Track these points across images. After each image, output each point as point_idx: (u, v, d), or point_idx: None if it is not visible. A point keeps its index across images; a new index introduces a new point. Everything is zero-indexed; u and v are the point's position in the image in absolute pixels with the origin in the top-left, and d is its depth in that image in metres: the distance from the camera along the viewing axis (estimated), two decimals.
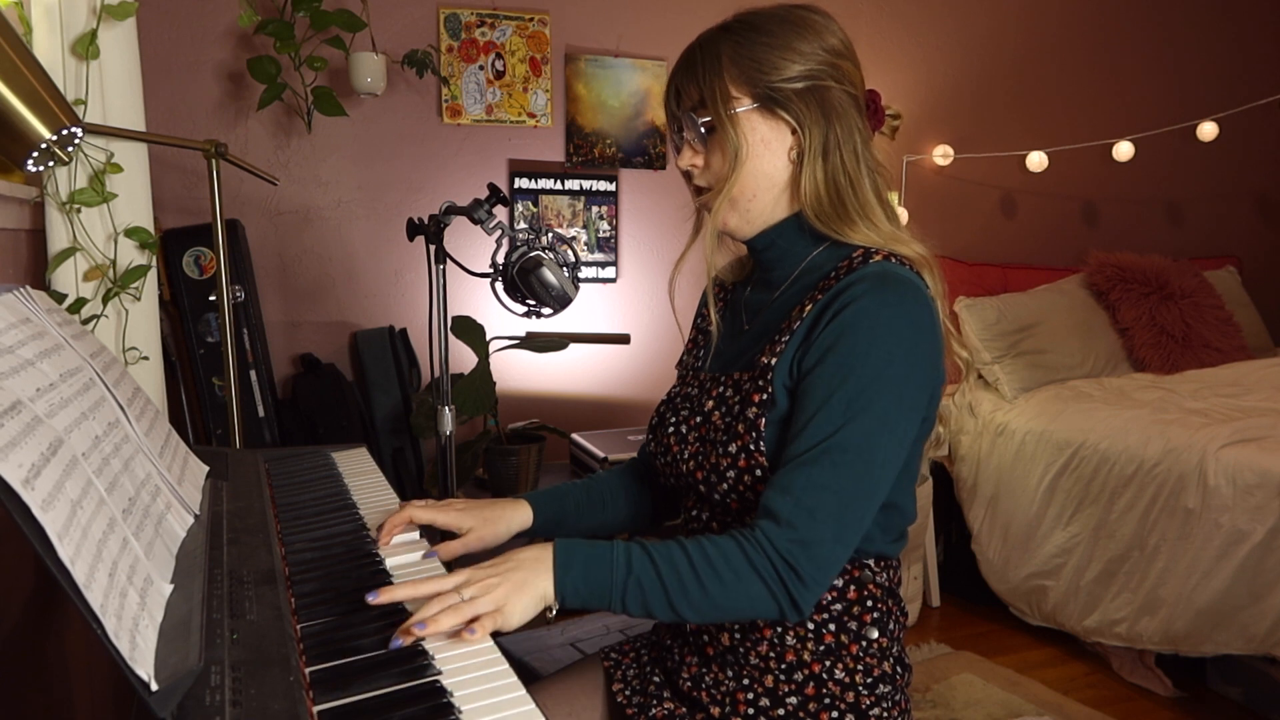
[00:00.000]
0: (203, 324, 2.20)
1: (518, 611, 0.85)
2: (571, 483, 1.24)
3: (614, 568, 0.89)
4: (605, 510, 1.23)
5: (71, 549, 0.59)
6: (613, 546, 0.91)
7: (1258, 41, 3.82)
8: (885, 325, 0.91)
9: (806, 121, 0.99)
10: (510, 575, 0.86)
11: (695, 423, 1.04)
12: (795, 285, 1.04)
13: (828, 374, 0.91)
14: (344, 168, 2.56)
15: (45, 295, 0.97)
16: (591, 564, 0.89)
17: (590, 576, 0.89)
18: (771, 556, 0.88)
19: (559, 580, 0.88)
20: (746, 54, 0.98)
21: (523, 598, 0.85)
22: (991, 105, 3.39)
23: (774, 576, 0.88)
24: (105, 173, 1.67)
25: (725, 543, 0.90)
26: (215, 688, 0.63)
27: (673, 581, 0.89)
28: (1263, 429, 2.17)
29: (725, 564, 0.89)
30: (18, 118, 1.34)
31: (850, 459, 0.89)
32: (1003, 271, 3.24)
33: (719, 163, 1.01)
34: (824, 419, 0.90)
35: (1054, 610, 2.45)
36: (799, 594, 0.88)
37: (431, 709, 0.68)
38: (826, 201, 1.00)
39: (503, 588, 0.85)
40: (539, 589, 0.87)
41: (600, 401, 2.89)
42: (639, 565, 0.89)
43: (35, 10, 1.59)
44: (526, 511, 1.15)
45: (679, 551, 0.90)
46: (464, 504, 1.11)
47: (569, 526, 1.20)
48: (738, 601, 0.89)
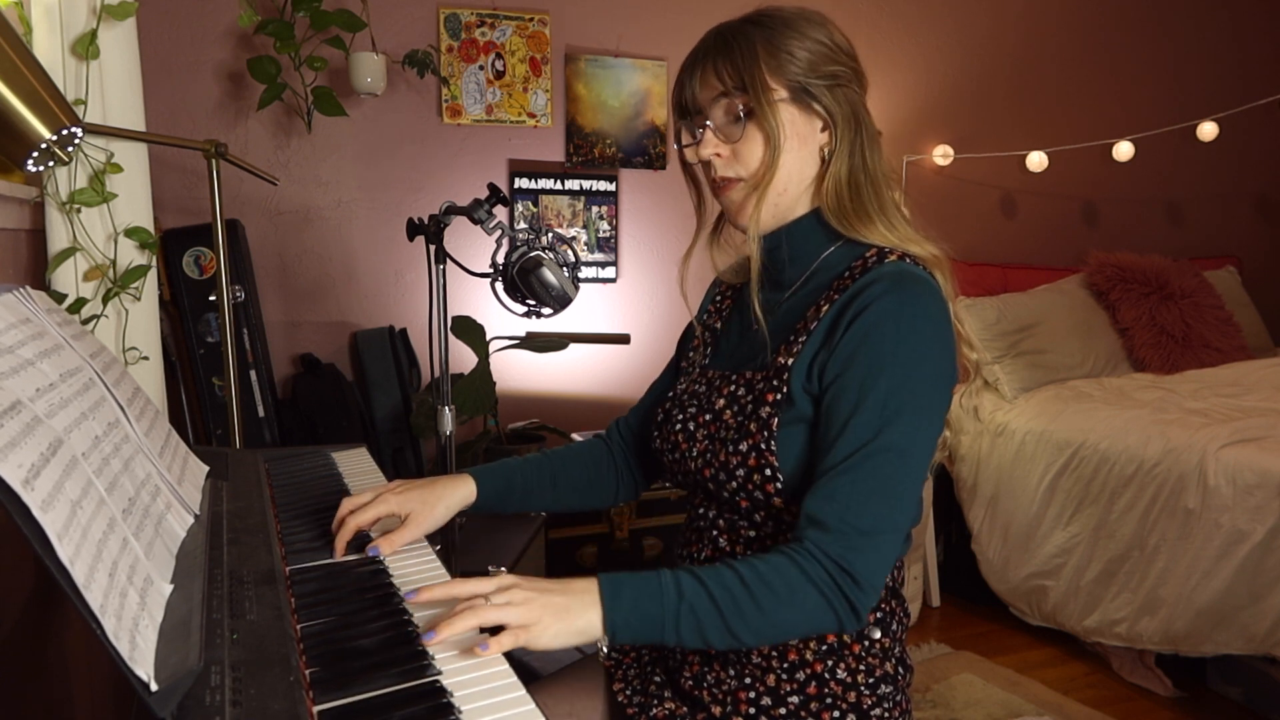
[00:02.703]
0: (203, 324, 2.20)
1: (548, 635, 0.80)
2: (522, 457, 1.20)
3: (664, 595, 0.85)
4: (556, 486, 1.20)
5: (71, 549, 0.59)
6: (659, 574, 0.87)
7: (1258, 41, 3.81)
8: (909, 325, 0.91)
9: (838, 118, 0.99)
10: (551, 597, 0.82)
11: (704, 420, 1.04)
12: (808, 285, 1.04)
13: (857, 378, 0.91)
14: (344, 168, 2.56)
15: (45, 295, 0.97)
16: (640, 594, 0.84)
17: (640, 607, 0.84)
18: (825, 564, 0.86)
19: (608, 613, 0.83)
20: (780, 45, 0.97)
21: (557, 623, 0.81)
22: (991, 105, 3.39)
23: (830, 584, 0.86)
24: (105, 173, 1.67)
25: (774, 558, 0.87)
26: (215, 688, 0.63)
27: (728, 604, 0.85)
28: (1263, 429, 2.17)
29: (779, 579, 0.86)
30: (18, 118, 1.34)
31: (892, 459, 0.89)
32: (1003, 271, 3.24)
33: (753, 153, 0.99)
34: (860, 423, 0.89)
35: (1054, 610, 2.45)
36: (857, 599, 0.87)
37: (431, 709, 0.68)
38: (848, 198, 1.00)
39: (537, 604, 0.81)
40: (580, 621, 0.82)
41: (600, 401, 2.89)
42: (690, 590, 0.85)
43: (35, 10, 1.59)
44: (469, 486, 1.11)
45: (729, 573, 0.87)
46: (401, 486, 1.06)
47: (516, 502, 1.17)
48: (796, 617, 0.86)
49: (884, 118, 3.14)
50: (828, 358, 0.94)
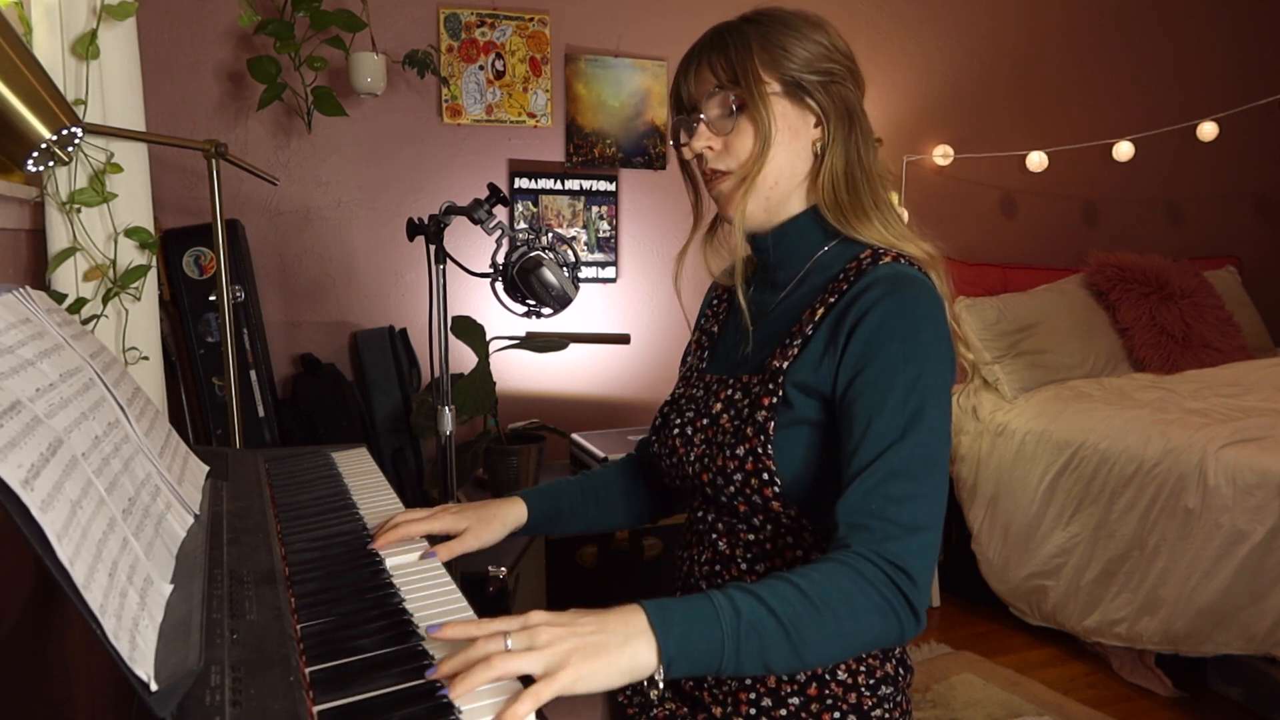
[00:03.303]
0: (203, 324, 2.20)
1: (585, 679, 0.70)
2: (566, 479, 1.23)
3: (720, 617, 0.77)
4: (601, 506, 1.22)
5: (71, 549, 0.59)
6: (709, 595, 0.79)
7: (1258, 41, 3.81)
8: (913, 325, 0.92)
9: (831, 114, 1.00)
10: (587, 636, 0.72)
11: (702, 424, 1.04)
12: (802, 286, 1.04)
13: (870, 384, 0.91)
14: (344, 168, 2.56)
15: (45, 295, 0.97)
16: (694, 619, 0.76)
17: (696, 633, 0.75)
18: (880, 564, 0.84)
19: (662, 643, 0.74)
20: (775, 41, 0.99)
21: (596, 663, 0.71)
22: (991, 105, 3.39)
23: (888, 584, 0.83)
24: (105, 173, 1.67)
25: (826, 566, 0.83)
26: (215, 688, 0.63)
27: (789, 616, 0.78)
28: (1263, 429, 2.17)
29: (835, 586, 0.81)
30: (18, 118, 1.34)
31: (919, 456, 0.89)
32: (1003, 271, 3.24)
33: (743, 145, 1.00)
34: (881, 427, 0.89)
35: (1054, 610, 2.45)
36: (914, 597, 0.84)
37: (431, 709, 0.67)
38: (845, 193, 1.01)
39: (568, 643, 0.71)
40: (628, 657, 0.73)
41: (600, 401, 2.89)
42: (747, 608, 0.78)
43: (35, 10, 1.59)
44: (521, 509, 1.14)
45: (783, 585, 0.80)
46: (457, 508, 1.10)
47: (563, 524, 1.19)
48: (858, 624, 0.81)
49: (884, 118, 3.15)
50: (834, 366, 0.94)
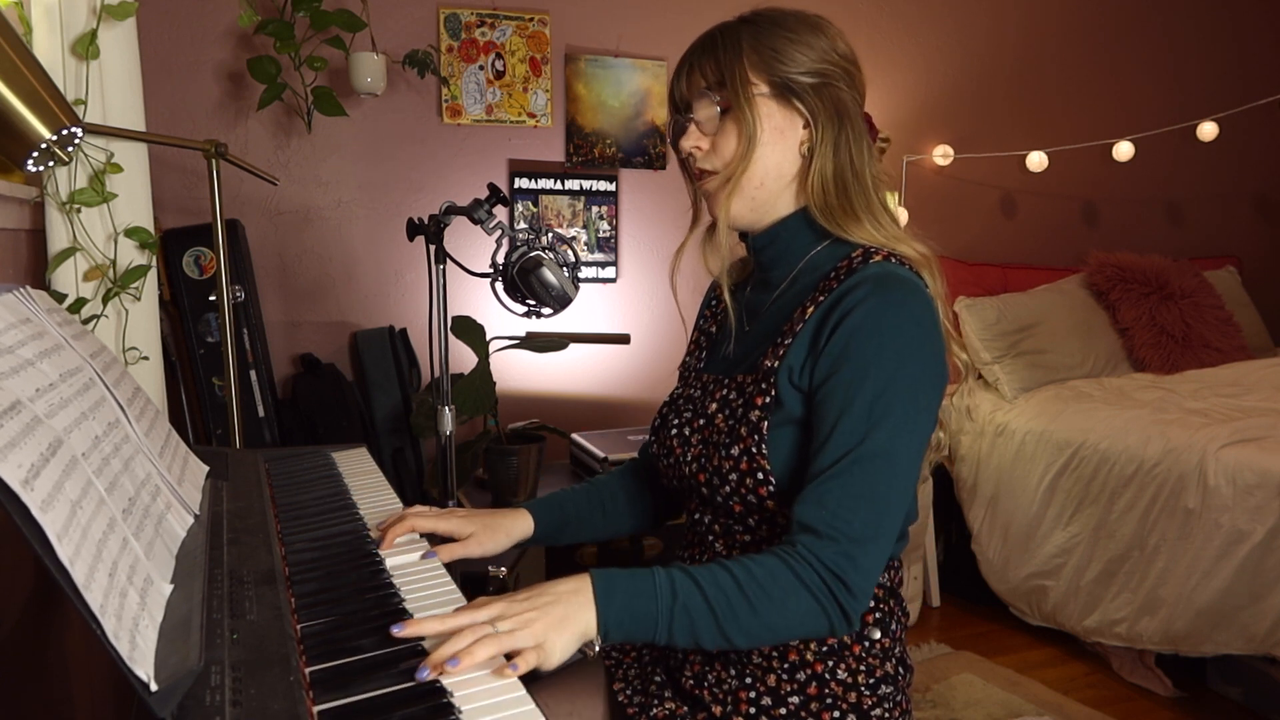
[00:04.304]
0: (203, 324, 2.20)
1: (558, 650, 0.79)
2: (570, 489, 1.23)
3: (658, 595, 0.85)
4: (605, 514, 1.23)
5: (71, 549, 0.59)
6: (653, 573, 0.86)
7: (1258, 41, 3.81)
8: (893, 327, 0.91)
9: (820, 116, 1.00)
10: (549, 610, 0.81)
11: (698, 425, 1.04)
12: (795, 285, 1.04)
13: (843, 383, 0.91)
14: (344, 168, 2.56)
15: (45, 295, 0.97)
16: (634, 593, 0.84)
17: (634, 607, 0.84)
18: (818, 569, 0.87)
19: (602, 613, 0.83)
20: (767, 43, 0.99)
21: (563, 635, 0.80)
22: (991, 105, 3.39)
23: (823, 590, 0.87)
24: (105, 173, 1.67)
25: (768, 561, 0.88)
26: (215, 688, 0.63)
27: (721, 604, 0.85)
28: (1263, 429, 2.17)
29: (773, 581, 0.86)
30: (18, 118, 1.34)
31: (880, 464, 0.89)
32: (1003, 271, 3.24)
33: (729, 146, 1.01)
34: (847, 429, 0.89)
35: (1054, 610, 2.45)
36: (849, 605, 0.87)
37: (431, 709, 0.67)
38: (834, 196, 1.01)
39: (541, 623, 0.79)
40: (580, 625, 0.82)
41: (600, 401, 2.89)
42: (684, 591, 0.85)
43: (35, 10, 1.59)
44: (527, 521, 1.15)
45: (723, 573, 0.87)
46: (465, 512, 1.11)
47: (570, 534, 1.20)
48: (788, 620, 0.87)
49: (884, 118, 3.14)
50: (814, 362, 0.94)
